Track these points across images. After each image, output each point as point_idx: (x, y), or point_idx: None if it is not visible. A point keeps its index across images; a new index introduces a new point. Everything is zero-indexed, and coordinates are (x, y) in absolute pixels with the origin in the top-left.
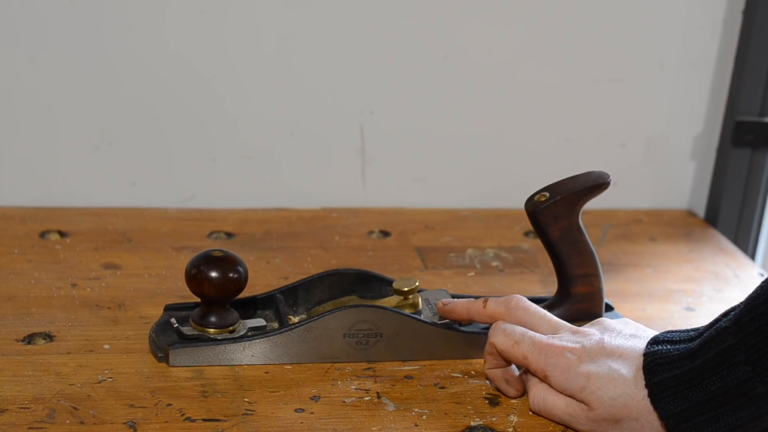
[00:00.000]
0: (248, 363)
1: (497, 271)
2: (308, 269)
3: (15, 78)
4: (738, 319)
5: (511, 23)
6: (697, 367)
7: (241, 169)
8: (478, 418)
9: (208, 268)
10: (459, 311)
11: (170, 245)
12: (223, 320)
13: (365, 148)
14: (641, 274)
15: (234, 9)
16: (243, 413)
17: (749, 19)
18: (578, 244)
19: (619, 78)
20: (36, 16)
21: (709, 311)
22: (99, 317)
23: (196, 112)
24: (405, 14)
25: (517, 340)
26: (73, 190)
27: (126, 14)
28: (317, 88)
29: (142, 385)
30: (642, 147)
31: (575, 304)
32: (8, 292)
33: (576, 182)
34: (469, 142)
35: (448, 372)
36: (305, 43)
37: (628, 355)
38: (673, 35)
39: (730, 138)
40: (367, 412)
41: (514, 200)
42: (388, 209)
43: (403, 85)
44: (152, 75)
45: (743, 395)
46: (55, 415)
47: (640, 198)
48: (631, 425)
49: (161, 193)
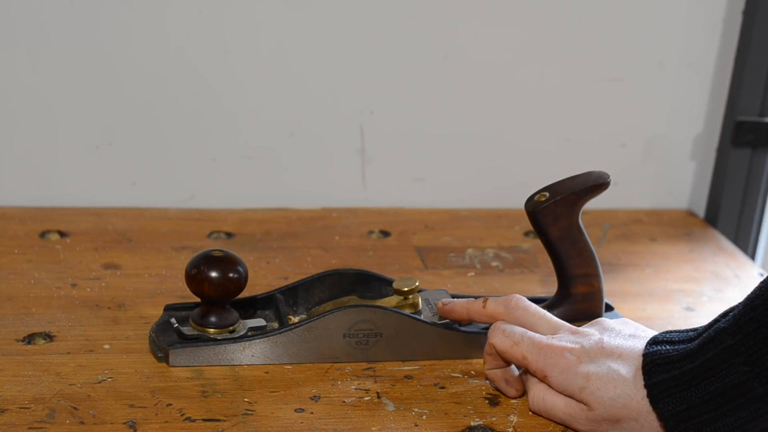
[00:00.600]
0: (248, 363)
1: (497, 271)
2: (308, 269)
3: (15, 78)
4: (737, 319)
5: (511, 23)
6: (696, 367)
7: (241, 169)
8: (478, 418)
9: (208, 268)
10: (459, 311)
11: (170, 245)
12: (223, 320)
13: (365, 148)
14: (641, 274)
15: (234, 9)
16: (243, 413)
17: (749, 19)
18: (578, 244)
19: (619, 78)
20: (36, 16)
21: (709, 311)
22: (99, 317)
23: (196, 112)
24: (405, 14)
25: (516, 340)
26: (73, 190)
27: (126, 14)
28: (317, 88)
29: (142, 385)
30: (642, 147)
31: (575, 304)
32: (8, 292)
33: (576, 182)
34: (469, 142)
35: (448, 372)
36: (305, 43)
37: (628, 355)
38: (673, 35)
39: (730, 138)
40: (367, 412)
41: (514, 200)
42: (388, 209)
43: (403, 85)
44: (152, 75)
45: (742, 396)
46: (55, 415)
47: (640, 198)
48: (631, 425)
49: (161, 193)
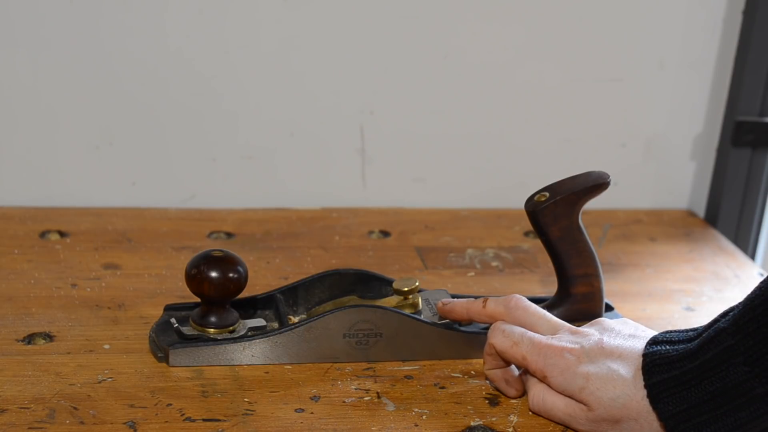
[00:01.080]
0: (248, 363)
1: (497, 271)
2: (308, 269)
3: (15, 78)
4: (737, 319)
5: (511, 23)
6: (696, 367)
7: (241, 169)
8: (478, 418)
9: (208, 268)
10: (459, 311)
11: (170, 245)
12: (223, 320)
13: (365, 148)
14: (641, 274)
15: (234, 9)
16: (243, 413)
17: (749, 19)
18: (578, 244)
19: (619, 78)
20: (36, 16)
21: (709, 311)
22: (99, 317)
23: (196, 112)
24: (405, 14)
25: (516, 340)
26: (73, 190)
27: (126, 14)
28: (317, 88)
29: (142, 385)
30: (642, 147)
31: (575, 304)
32: (8, 292)
33: (576, 182)
34: (469, 142)
35: (448, 372)
36: (305, 43)
37: (627, 355)
38: (673, 35)
39: (730, 138)
40: (367, 412)
41: (514, 200)
42: (388, 209)
43: (403, 85)
44: (152, 75)
45: (742, 396)
46: (55, 415)
47: (640, 198)
48: (631, 425)
49: (161, 193)
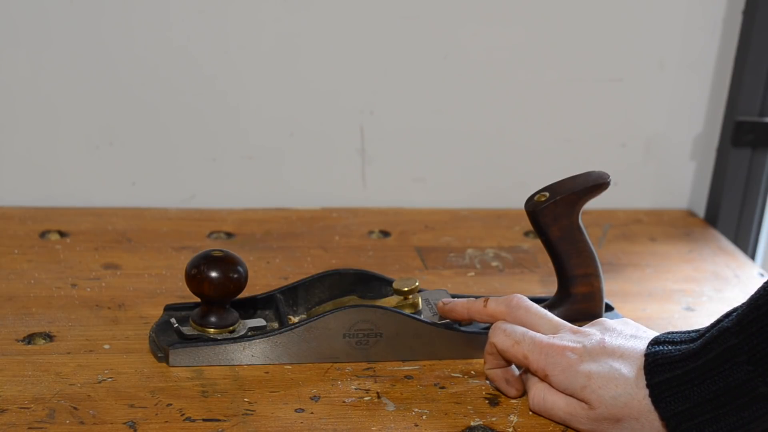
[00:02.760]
0: (248, 363)
1: (497, 271)
2: (308, 269)
3: (15, 77)
4: (741, 319)
5: (511, 23)
6: (698, 366)
7: (241, 169)
8: (478, 418)
9: (208, 268)
10: (459, 311)
11: (170, 245)
12: (223, 320)
13: (365, 148)
14: (641, 274)
15: (234, 9)
16: (243, 413)
17: (749, 19)
18: (578, 244)
19: (619, 78)
20: (36, 16)
21: (709, 311)
22: (99, 317)
23: (196, 112)
24: (405, 14)
25: (517, 339)
26: (73, 190)
27: (126, 14)
28: (317, 88)
29: (142, 385)
30: (642, 147)
31: (575, 304)
32: (8, 292)
33: (576, 182)
34: (469, 142)
35: (448, 372)
36: (305, 42)
37: (629, 355)
38: (673, 35)
39: (730, 138)
40: (367, 412)
41: (514, 200)
42: (388, 209)
43: (403, 85)
44: (153, 75)
45: (745, 395)
46: (55, 415)
47: (640, 198)
48: (632, 425)
49: (161, 193)
